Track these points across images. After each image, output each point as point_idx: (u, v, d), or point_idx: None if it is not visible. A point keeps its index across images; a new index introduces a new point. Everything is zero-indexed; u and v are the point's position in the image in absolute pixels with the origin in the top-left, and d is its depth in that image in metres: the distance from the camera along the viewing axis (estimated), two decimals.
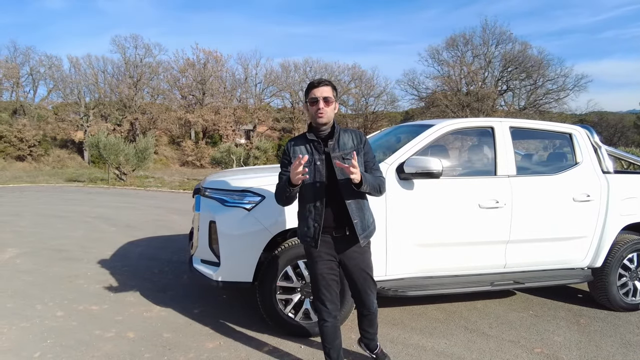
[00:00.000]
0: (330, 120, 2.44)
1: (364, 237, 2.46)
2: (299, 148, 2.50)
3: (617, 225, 3.90)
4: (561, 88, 36.54)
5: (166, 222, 8.02)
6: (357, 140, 2.49)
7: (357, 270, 2.55)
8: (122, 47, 34.24)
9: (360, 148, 2.47)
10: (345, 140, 2.47)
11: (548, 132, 4.11)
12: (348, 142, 2.47)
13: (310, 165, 2.41)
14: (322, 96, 2.39)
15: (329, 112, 2.41)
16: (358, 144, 2.48)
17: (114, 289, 4.22)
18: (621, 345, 3.35)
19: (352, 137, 2.49)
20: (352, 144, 2.47)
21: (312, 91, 2.42)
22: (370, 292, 2.62)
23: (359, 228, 2.43)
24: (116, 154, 15.68)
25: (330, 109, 2.41)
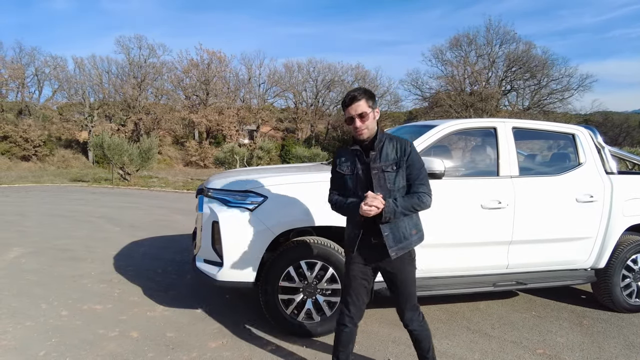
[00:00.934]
0: (371, 133, 2.38)
1: (396, 249, 2.35)
2: (343, 158, 2.49)
3: (620, 226, 3.88)
4: (565, 88, 36.36)
5: (170, 222, 8.05)
6: (400, 152, 2.37)
7: (396, 281, 2.47)
8: (126, 47, 34.43)
9: (402, 160, 2.36)
10: (389, 152, 2.37)
11: (551, 132, 4.10)
12: (391, 154, 2.37)
13: (352, 175, 2.42)
14: (357, 113, 2.33)
15: (368, 126, 2.35)
16: (401, 156, 2.37)
17: (117, 288, 4.25)
18: (624, 347, 3.34)
19: (396, 149, 2.38)
20: (395, 155, 2.37)
21: (346, 110, 2.37)
22: (405, 308, 2.48)
23: (390, 240, 2.34)
24: (120, 154, 15.77)
25: (368, 122, 2.34)
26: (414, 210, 2.36)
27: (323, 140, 39.95)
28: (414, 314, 2.50)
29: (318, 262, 3.21)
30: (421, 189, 2.36)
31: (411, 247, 2.43)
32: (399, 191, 2.37)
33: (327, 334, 3.28)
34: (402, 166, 2.36)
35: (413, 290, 2.49)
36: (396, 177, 2.35)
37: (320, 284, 3.23)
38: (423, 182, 2.38)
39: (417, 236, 2.47)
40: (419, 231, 2.48)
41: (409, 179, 2.38)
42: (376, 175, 2.35)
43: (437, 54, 38.29)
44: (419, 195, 2.35)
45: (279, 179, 3.35)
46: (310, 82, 40.98)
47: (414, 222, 2.45)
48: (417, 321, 2.50)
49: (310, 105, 41.69)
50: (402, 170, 2.36)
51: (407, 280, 2.46)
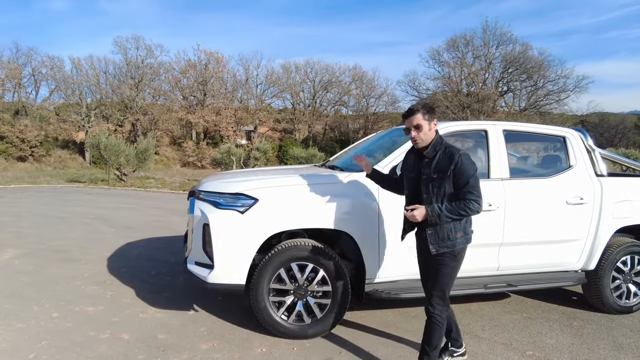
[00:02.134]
0: (427, 141, 2.68)
1: (436, 246, 2.62)
2: (408, 158, 2.87)
3: (610, 228, 3.91)
4: (562, 89, 36.49)
5: (166, 223, 8.05)
6: (449, 162, 2.59)
7: (431, 271, 2.73)
8: (123, 48, 34.32)
9: (450, 169, 2.58)
10: (440, 160, 2.63)
11: (542, 135, 4.13)
12: (442, 162, 2.62)
13: (407, 175, 2.81)
14: (413, 125, 2.65)
15: (423, 136, 2.65)
16: (448, 165, 2.59)
17: (110, 290, 4.25)
18: (613, 348, 3.37)
19: (447, 159, 2.61)
20: (445, 164, 2.60)
21: (405, 122, 2.72)
22: (432, 296, 2.72)
23: (432, 238, 2.63)
24: (117, 154, 15.72)
25: (423, 132, 2.65)
26: (460, 215, 2.57)
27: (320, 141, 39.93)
28: (440, 305, 2.71)
29: (309, 264, 3.23)
30: (468, 196, 2.56)
31: (454, 248, 2.64)
32: (446, 197, 2.61)
33: (317, 336, 3.30)
34: (449, 174, 2.58)
35: (446, 284, 2.71)
36: (443, 184, 2.60)
37: (311, 286, 3.24)
38: (471, 190, 2.57)
39: (463, 239, 2.67)
40: (465, 234, 2.69)
41: (458, 187, 2.59)
42: (424, 181, 2.65)
43: (434, 55, 38.38)
44: (466, 201, 2.56)
45: (270, 181, 3.37)
46: (307, 83, 40.99)
47: (461, 226, 2.66)
48: (439, 312, 2.70)
49: (307, 106, 41.69)
50: (449, 178, 2.59)
51: (442, 275, 2.68)
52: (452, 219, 2.58)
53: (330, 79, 40.26)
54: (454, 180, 2.58)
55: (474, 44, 37.01)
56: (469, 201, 2.55)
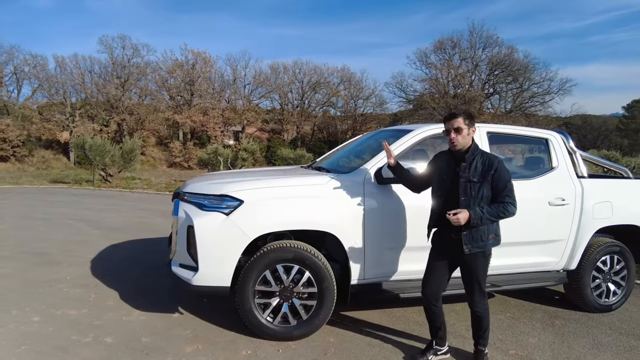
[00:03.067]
0: (464, 145, 2.82)
1: (470, 247, 2.79)
2: (439, 159, 3.00)
3: (591, 229, 3.99)
4: (546, 91, 37.12)
5: (151, 224, 7.96)
6: (487, 167, 2.77)
7: (466, 272, 2.93)
8: (109, 47, 33.89)
9: (488, 174, 2.76)
10: (478, 165, 2.79)
11: (525, 137, 4.20)
12: (479, 167, 2.78)
13: (440, 177, 2.92)
14: (454, 127, 2.80)
15: (461, 139, 2.80)
16: (488, 170, 2.76)
17: (94, 292, 4.19)
18: (593, 346, 3.44)
19: (484, 163, 2.78)
20: (483, 169, 2.77)
21: (446, 123, 2.86)
22: (473, 294, 2.93)
23: (466, 238, 2.78)
24: (102, 155, 15.49)
25: (462, 136, 2.79)
26: (499, 217, 2.77)
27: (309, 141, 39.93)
28: (481, 299, 2.93)
29: (295, 265, 3.22)
30: (506, 199, 2.76)
31: (486, 248, 2.84)
32: (483, 200, 2.77)
33: (303, 338, 3.30)
34: (487, 179, 2.76)
35: (482, 280, 2.91)
36: (480, 187, 2.76)
37: (297, 288, 3.24)
38: (508, 194, 2.77)
39: (494, 240, 2.88)
40: (496, 236, 2.89)
41: (496, 190, 2.78)
42: (463, 184, 2.78)
43: (421, 57, 38.69)
44: (504, 204, 2.75)
45: (256, 183, 3.36)
46: (296, 84, 40.97)
47: (493, 228, 2.86)
48: (482, 304, 2.94)
49: (296, 106, 41.66)
50: (487, 182, 2.77)
51: (478, 273, 2.88)
52: (491, 221, 2.78)
53: (318, 80, 40.31)
54: (492, 185, 2.77)
55: (460, 46, 37.46)
56: (507, 204, 2.75)
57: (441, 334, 3.08)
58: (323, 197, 3.28)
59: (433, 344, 3.09)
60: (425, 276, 3.04)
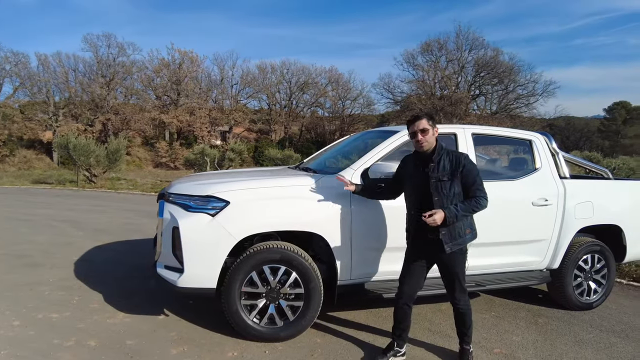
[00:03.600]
0: (431, 146, 2.87)
1: (451, 245, 2.82)
2: (407, 163, 3.04)
3: (573, 229, 4.07)
4: (531, 93, 37.79)
5: (137, 225, 7.86)
6: (455, 164, 2.81)
7: (445, 270, 2.97)
8: (94, 45, 33.40)
9: (457, 172, 2.80)
10: (445, 164, 2.83)
11: (509, 138, 4.26)
12: (447, 166, 2.82)
13: (410, 180, 2.96)
14: (419, 129, 2.83)
15: (427, 140, 2.84)
16: (455, 167, 2.81)
17: (77, 295, 4.12)
18: (574, 344, 3.50)
19: (452, 161, 2.83)
20: (451, 167, 2.81)
21: (410, 127, 2.90)
22: (454, 291, 2.97)
23: (446, 238, 2.81)
24: (87, 155, 15.23)
25: (428, 136, 2.83)
26: (473, 211, 2.84)
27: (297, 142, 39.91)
28: (462, 295, 2.99)
29: (281, 266, 3.22)
30: (477, 193, 2.82)
31: (464, 244, 2.89)
32: (455, 197, 2.81)
33: (290, 339, 3.29)
34: (456, 176, 2.80)
35: (462, 277, 2.96)
36: (451, 185, 2.80)
37: (284, 289, 3.23)
38: (479, 188, 2.83)
39: (471, 235, 2.93)
40: (472, 230, 2.94)
41: (466, 186, 2.83)
42: (434, 184, 2.81)
43: (408, 58, 39.04)
44: (476, 199, 2.81)
45: (242, 183, 3.34)
46: (284, 84, 40.94)
47: (468, 223, 2.91)
48: (464, 301, 2.99)
49: (284, 106, 41.61)
50: (457, 179, 2.81)
51: (457, 270, 2.93)
52: (466, 217, 2.83)
53: (306, 80, 40.32)
54: (462, 181, 2.82)
55: (447, 48, 37.89)
56: (479, 198, 2.81)
57: (404, 335, 3.10)
58: (310, 198, 3.28)
59: (394, 345, 3.09)
60: (403, 277, 3.05)
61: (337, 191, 3.35)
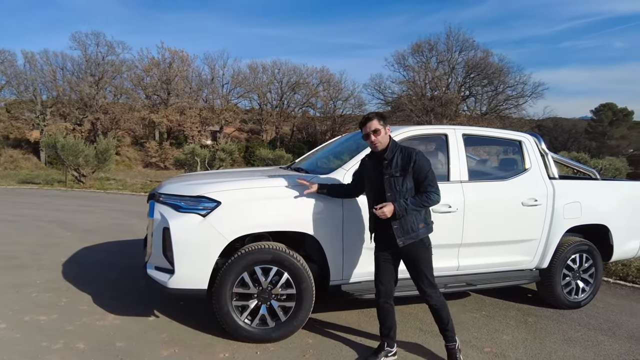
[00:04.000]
0: (384, 144, 2.93)
1: (403, 239, 2.87)
2: (365, 163, 3.11)
3: (561, 228, 4.12)
4: (520, 94, 38.22)
5: (126, 226, 7.78)
6: (406, 160, 2.87)
7: (410, 265, 2.99)
8: (82, 44, 32.95)
9: (409, 167, 2.85)
10: (398, 160, 2.89)
11: (499, 139, 4.30)
12: (400, 162, 2.88)
13: (369, 179, 3.02)
14: (371, 130, 2.90)
15: (380, 139, 2.91)
16: (407, 163, 2.86)
17: (65, 297, 4.06)
18: (563, 342, 3.55)
19: (403, 158, 2.88)
20: (403, 163, 2.87)
21: (362, 128, 2.97)
22: (423, 286, 2.98)
23: (398, 231, 2.87)
24: (75, 155, 15.03)
25: (381, 136, 2.90)
26: (424, 206, 2.88)
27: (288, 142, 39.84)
28: (433, 291, 2.98)
29: (273, 267, 3.21)
30: (428, 189, 2.87)
31: (418, 238, 2.91)
32: (408, 192, 2.87)
33: (281, 339, 3.28)
34: (409, 171, 2.86)
35: (429, 272, 2.98)
36: (403, 181, 2.86)
37: (275, 290, 3.22)
38: (430, 183, 2.88)
39: (425, 229, 2.95)
40: (426, 225, 2.97)
41: (417, 181, 2.88)
42: (387, 180, 2.88)
43: (399, 59, 39.22)
44: (427, 194, 2.86)
45: (233, 184, 3.32)
46: (275, 84, 40.82)
47: (422, 217, 2.94)
48: (435, 296, 2.98)
49: (275, 106, 41.50)
50: (410, 175, 2.86)
51: (422, 263, 2.96)
52: (417, 211, 2.86)
53: (297, 80, 40.26)
54: (414, 176, 2.87)
55: (437, 49, 38.12)
56: (430, 193, 2.86)
57: (392, 334, 3.10)
58: (301, 198, 3.27)
59: (384, 345, 3.10)
60: (376, 275, 3.08)
61: None
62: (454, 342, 3.06)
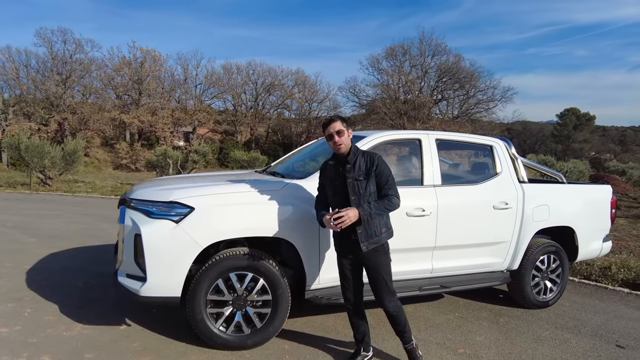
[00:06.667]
0: (348, 147, 2.91)
1: (367, 243, 2.85)
2: (326, 169, 3.03)
3: (531, 231, 4.25)
4: (490, 98, 39.34)
5: (95, 230, 7.53)
6: (369, 164, 2.87)
7: (370, 270, 2.95)
8: (48, 40, 31.78)
9: (371, 171, 2.86)
10: (361, 164, 2.88)
11: (471, 144, 4.39)
12: (362, 166, 2.87)
13: (332, 183, 2.95)
14: (335, 131, 2.87)
15: (344, 141, 2.88)
16: (370, 167, 2.86)
17: (29, 307, 3.88)
18: (532, 341, 3.65)
19: (366, 161, 2.88)
20: (365, 167, 2.87)
21: (326, 129, 2.92)
22: (381, 292, 2.95)
23: (362, 236, 2.85)
24: (40, 156, 14.43)
25: (344, 138, 2.88)
26: (386, 210, 2.88)
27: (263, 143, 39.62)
28: (390, 297, 2.96)
29: (248, 273, 3.17)
30: (390, 192, 2.87)
31: (381, 242, 2.91)
32: (371, 195, 2.86)
33: (257, 346, 3.25)
34: (371, 175, 2.86)
35: (388, 278, 2.96)
36: (367, 184, 2.85)
37: (251, 296, 3.18)
38: (390, 187, 2.89)
39: (387, 233, 2.96)
40: (388, 229, 2.98)
41: (379, 185, 2.89)
42: (351, 183, 2.86)
43: (373, 62, 39.66)
44: (388, 197, 2.86)
45: (206, 189, 3.27)
46: (250, 85, 40.54)
47: (384, 222, 2.95)
48: (393, 303, 2.96)
49: (250, 107, 41.18)
50: (372, 178, 2.87)
51: (381, 269, 2.93)
52: (380, 215, 2.86)
53: (272, 82, 40.11)
54: (376, 180, 2.88)
55: (411, 53, 38.77)
56: (391, 197, 2.87)
57: (367, 339, 3.13)
58: (278, 203, 3.25)
59: (360, 350, 3.13)
60: (342, 283, 3.07)
61: (305, 196, 3.34)
62: (412, 341, 3.07)
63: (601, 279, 5.48)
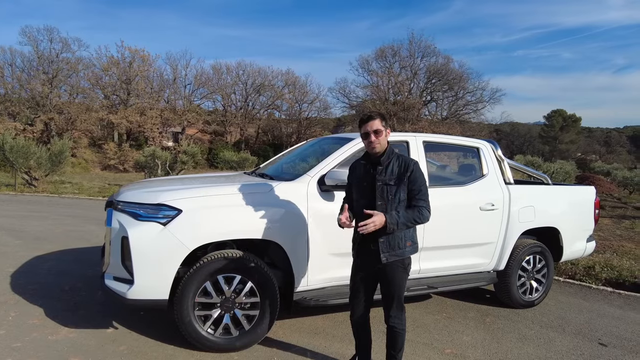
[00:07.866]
0: (383, 148, 2.70)
1: (387, 255, 2.64)
2: (355, 168, 2.84)
3: (517, 231, 4.31)
4: (479, 100, 39.79)
5: (82, 232, 7.44)
6: (403, 169, 2.66)
7: (384, 285, 2.77)
8: (33, 39, 31.25)
9: (404, 177, 2.64)
10: (394, 168, 2.67)
11: (458, 146, 4.45)
12: (395, 170, 2.66)
13: (359, 184, 2.75)
14: (372, 130, 2.65)
15: (381, 141, 2.66)
16: (404, 172, 2.65)
17: (13, 311, 3.83)
18: (518, 340, 3.71)
19: (400, 166, 2.67)
20: (399, 171, 2.66)
21: (363, 126, 2.69)
22: (391, 308, 2.76)
23: (384, 246, 2.63)
24: (26, 157, 14.19)
25: (381, 138, 2.66)
26: (414, 222, 2.63)
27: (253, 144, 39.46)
28: (399, 314, 2.78)
29: (236, 275, 3.17)
30: (421, 204, 2.64)
31: (404, 256, 2.70)
32: (400, 203, 2.64)
33: (246, 348, 3.25)
34: (404, 181, 2.64)
35: (401, 294, 2.76)
36: (397, 191, 2.63)
37: (239, 298, 3.18)
38: (423, 198, 2.66)
39: (412, 247, 2.74)
40: (413, 243, 2.76)
41: (411, 194, 2.66)
42: (379, 187, 2.65)
43: (363, 63, 39.83)
44: (419, 208, 2.63)
45: (194, 191, 3.26)
46: (239, 85, 40.35)
47: (410, 235, 2.73)
48: (399, 319, 2.78)
49: (239, 108, 41.00)
50: (404, 185, 2.64)
51: (397, 285, 2.72)
52: (407, 227, 2.63)
53: (262, 82, 39.98)
54: (408, 187, 2.65)
55: (400, 54, 39.02)
56: (422, 208, 2.63)
57: (368, 349, 3.01)
58: (266, 205, 3.26)
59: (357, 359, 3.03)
60: (351, 295, 2.88)
61: (294, 198, 3.35)
62: None
63: (585, 278, 5.59)
